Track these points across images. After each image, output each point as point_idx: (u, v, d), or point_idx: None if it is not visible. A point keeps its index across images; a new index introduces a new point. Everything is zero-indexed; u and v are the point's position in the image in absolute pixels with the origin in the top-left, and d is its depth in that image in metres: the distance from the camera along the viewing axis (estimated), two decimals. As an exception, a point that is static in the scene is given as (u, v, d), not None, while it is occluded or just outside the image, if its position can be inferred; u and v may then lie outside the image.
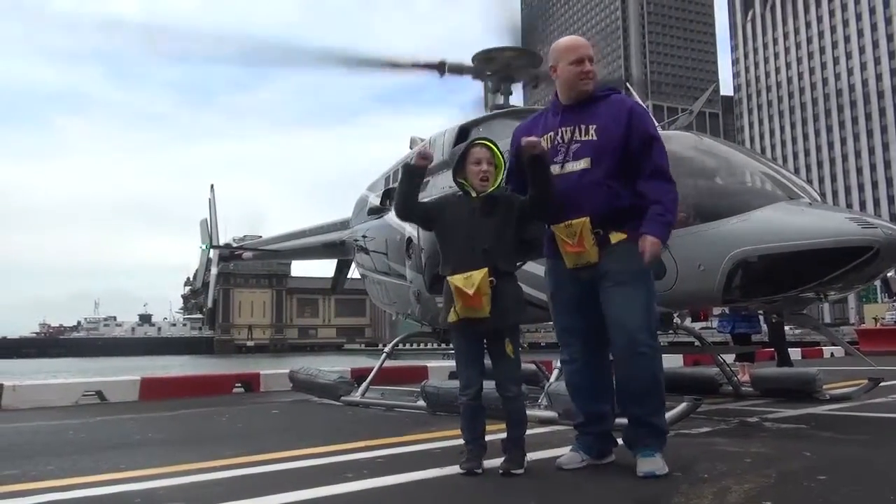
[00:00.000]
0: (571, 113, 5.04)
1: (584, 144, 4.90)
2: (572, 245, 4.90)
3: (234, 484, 5.20)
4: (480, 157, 5.11)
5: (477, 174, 5.11)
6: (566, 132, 5.01)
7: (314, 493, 4.74)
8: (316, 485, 4.96)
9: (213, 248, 20.38)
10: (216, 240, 20.94)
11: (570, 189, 4.87)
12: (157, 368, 26.09)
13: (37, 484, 5.30)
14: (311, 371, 12.61)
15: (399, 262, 12.84)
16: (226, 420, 9.87)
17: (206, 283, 21.58)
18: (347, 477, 5.24)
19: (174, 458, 6.21)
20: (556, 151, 5.02)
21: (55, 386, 13.51)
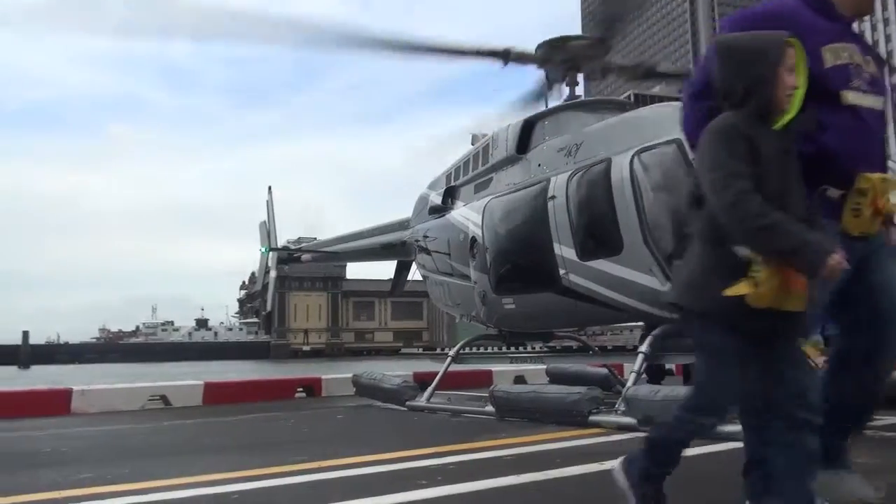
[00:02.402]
0: (849, 30, 3.72)
1: (873, 78, 3.64)
2: (867, 205, 3.54)
3: (306, 490, 5.34)
4: (792, 63, 3.19)
5: (788, 88, 3.19)
6: (855, 53, 3.62)
7: (389, 500, 4.82)
8: (389, 492, 5.04)
9: (272, 250, 20.92)
10: (275, 242, 21.49)
11: (864, 132, 3.56)
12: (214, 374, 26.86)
13: (113, 487, 5.55)
14: (374, 375, 12.80)
15: (463, 262, 12.90)
16: (291, 425, 10.12)
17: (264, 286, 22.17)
18: (421, 484, 5.30)
19: (244, 464, 6.41)
20: (852, 74, 3.57)
21: (122, 390, 14.13)
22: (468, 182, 13.46)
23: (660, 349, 9.11)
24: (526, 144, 12.00)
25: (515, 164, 12.02)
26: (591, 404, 8.47)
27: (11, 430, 9.96)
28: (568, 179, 10.39)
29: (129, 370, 55.42)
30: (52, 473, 6.36)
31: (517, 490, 5.10)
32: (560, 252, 10.36)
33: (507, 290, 11.50)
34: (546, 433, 7.92)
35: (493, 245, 11.70)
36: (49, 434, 9.51)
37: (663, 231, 9.04)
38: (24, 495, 5.32)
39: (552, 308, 10.88)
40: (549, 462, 5.95)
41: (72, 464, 6.95)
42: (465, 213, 13.01)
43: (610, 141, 10.12)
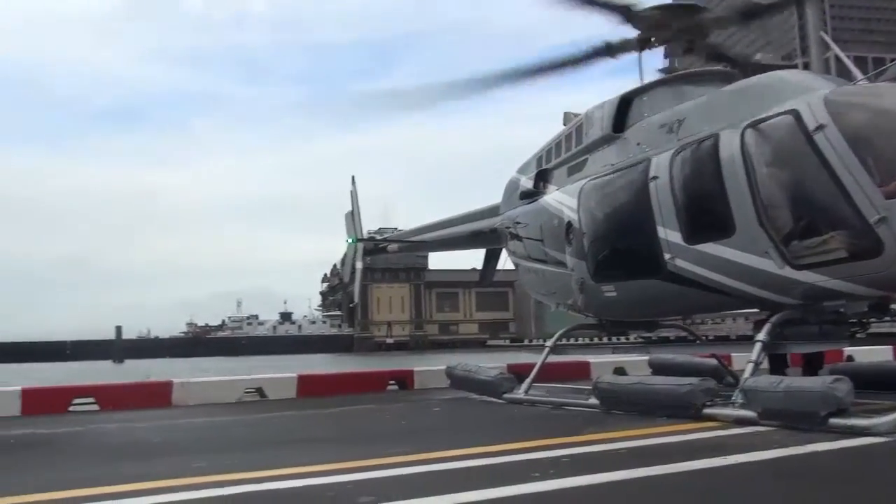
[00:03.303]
0: None
1: None
2: None
3: (416, 481, 5.48)
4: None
5: None
6: None
7: (503, 492, 4.89)
8: (503, 483, 5.11)
9: (359, 241, 21.31)
10: (360, 232, 21.90)
11: None
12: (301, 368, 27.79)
13: (228, 476, 5.86)
14: (469, 367, 12.91)
15: (558, 248, 12.80)
16: (389, 417, 10.36)
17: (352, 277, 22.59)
18: (534, 476, 5.35)
19: (350, 455, 6.63)
20: None
21: (219, 383, 14.85)
22: (561, 164, 13.31)
23: (779, 337, 8.80)
24: (623, 122, 11.76)
25: (612, 143, 11.80)
26: (705, 396, 8.28)
27: (121, 421, 10.64)
28: (671, 158, 10.13)
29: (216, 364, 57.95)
30: (168, 462, 6.78)
31: (637, 484, 5.08)
32: (664, 236, 10.13)
33: (607, 277, 11.34)
34: (657, 426, 7.81)
35: (591, 230, 11.55)
36: (156, 425, 10.11)
37: (780, 210, 8.70)
38: (146, 482, 5.70)
39: (656, 295, 10.67)
40: (669, 456, 5.88)
41: (183, 453, 7.38)
42: (559, 197, 12.89)
43: (717, 114, 9.80)
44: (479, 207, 17.94)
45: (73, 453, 7.99)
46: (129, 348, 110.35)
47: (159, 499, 5.16)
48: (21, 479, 6.11)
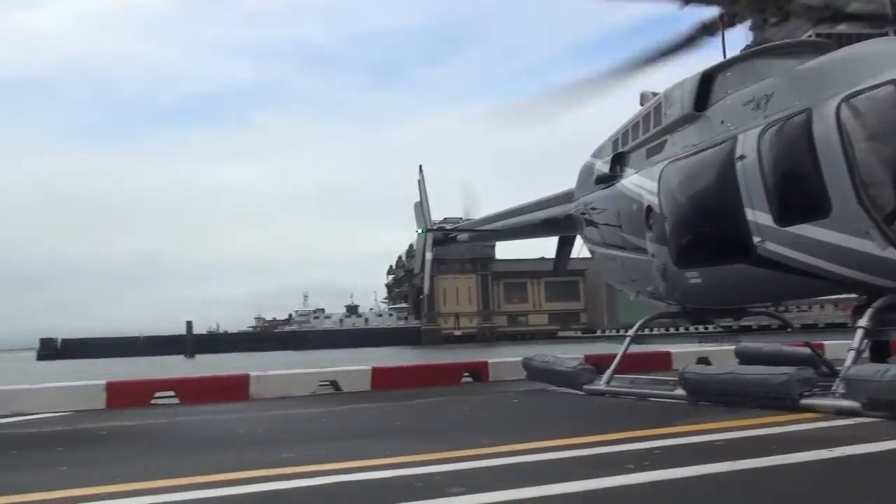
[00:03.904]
0: None
1: None
2: None
3: (509, 470, 5.57)
4: None
5: None
6: None
7: (599, 484, 4.91)
8: (597, 475, 5.13)
9: (428, 231, 21.49)
10: (429, 222, 22.06)
11: None
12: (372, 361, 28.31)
13: (318, 466, 6.05)
14: (547, 358, 12.91)
15: (637, 233, 12.64)
16: (468, 409, 10.48)
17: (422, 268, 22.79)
18: (628, 468, 5.35)
19: (436, 446, 6.75)
20: None
21: (295, 376, 15.26)
22: (639, 147, 13.11)
23: (882, 323, 8.49)
24: (705, 100, 11.49)
25: (694, 122, 11.55)
26: (802, 386, 8.06)
27: (203, 414, 11.06)
28: (759, 136, 9.85)
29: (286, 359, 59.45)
30: (255, 452, 7.05)
31: (736, 476, 5.01)
32: (753, 218, 9.88)
33: (692, 263, 11.13)
34: (751, 418, 7.67)
35: (673, 214, 11.35)
36: (237, 417, 10.48)
37: (883, 187, 8.37)
38: (238, 472, 5.94)
39: (745, 280, 10.42)
40: (767, 448, 5.78)
41: (268, 444, 7.64)
42: (637, 180, 12.71)
43: (809, 88, 9.48)
44: (552, 194, 17.84)
45: (165, 444, 8.38)
46: (200, 343, 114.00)
47: (255, 488, 5.37)
48: (122, 469, 6.46)
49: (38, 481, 5.95)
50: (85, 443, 8.64)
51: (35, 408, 12.36)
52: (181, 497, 5.22)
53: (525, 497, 4.72)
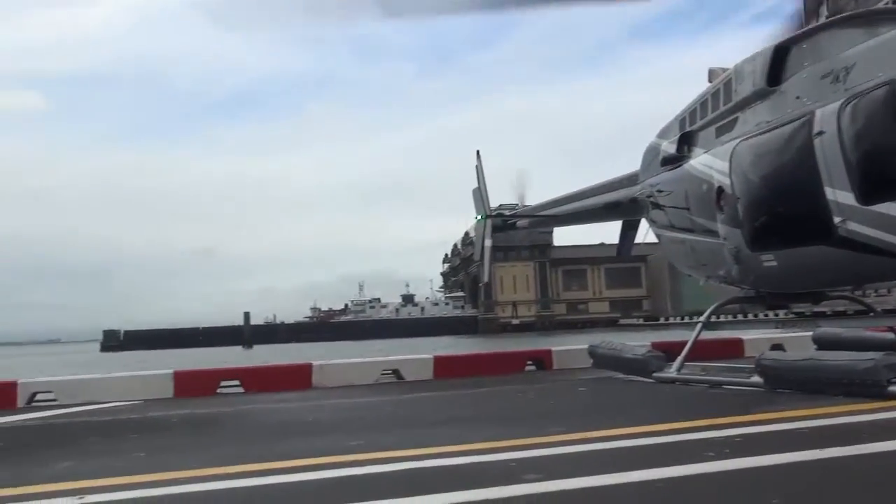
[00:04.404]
0: None
1: None
2: None
3: (584, 458, 5.58)
4: None
5: None
6: None
7: (679, 471, 4.89)
8: (676, 462, 5.10)
9: (487, 217, 21.49)
10: (488, 209, 22.06)
11: None
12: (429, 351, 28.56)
13: (387, 453, 6.17)
14: (614, 345, 12.82)
15: (707, 216, 12.40)
16: (534, 397, 10.50)
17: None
18: (709, 456, 5.31)
19: (506, 434, 6.80)
20: None
21: (357, 365, 15.51)
22: (708, 125, 12.86)
23: None
24: (778, 75, 11.18)
25: (767, 98, 11.25)
26: (890, 372, 7.83)
27: (269, 402, 11.35)
28: (838, 110, 9.54)
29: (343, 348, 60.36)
30: (325, 440, 7.21)
31: (825, 464, 4.93)
32: (833, 196, 9.58)
33: (767, 245, 10.87)
34: (834, 405, 7.49)
35: (746, 194, 11.09)
36: (303, 406, 10.72)
37: None
38: (310, 458, 6.09)
39: (825, 263, 10.13)
40: (856, 436, 5.66)
41: (337, 432, 7.81)
42: (706, 160, 12.47)
43: (892, 59, 9.14)
44: (615, 177, 17.66)
45: (235, 431, 8.65)
46: (257, 333, 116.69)
47: (328, 474, 5.51)
48: (197, 455, 6.70)
49: (119, 466, 6.22)
50: (157, 430, 8.98)
51: (106, 396, 12.87)
52: (257, 482, 5.38)
53: (603, 484, 4.73)
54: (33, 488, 5.44)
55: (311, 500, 4.66)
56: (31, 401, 13.06)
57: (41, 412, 11.58)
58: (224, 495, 5.06)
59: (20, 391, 13.10)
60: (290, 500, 4.67)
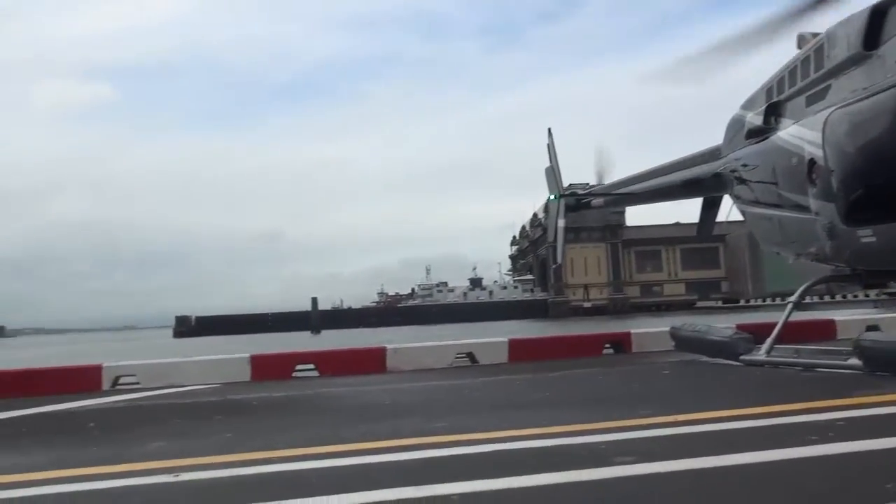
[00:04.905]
0: None
1: None
2: None
3: (680, 441, 5.54)
4: None
5: None
6: None
7: (781, 455, 4.82)
8: (778, 446, 5.01)
9: (561, 197, 21.31)
10: (561, 188, 21.87)
11: None
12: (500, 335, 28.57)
13: (470, 435, 6.24)
14: (698, 327, 12.60)
15: (797, 190, 12.02)
16: (617, 380, 10.43)
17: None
18: (812, 440, 5.20)
19: (592, 416, 6.78)
20: None
21: (431, 348, 15.65)
22: (797, 94, 12.42)
23: None
24: (876, 38, 10.69)
25: (864, 63, 10.78)
26: None
27: (346, 385, 11.59)
28: None
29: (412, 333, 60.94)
30: (406, 422, 7.33)
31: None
32: None
33: (864, 220, 10.46)
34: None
35: (842, 166, 10.68)
36: (380, 389, 10.92)
37: None
38: (393, 440, 6.22)
39: None
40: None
41: (417, 414, 7.93)
42: (796, 131, 12.06)
43: None
44: (695, 152, 17.28)
45: (317, 413, 8.88)
46: (324, 319, 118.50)
47: (411, 455, 5.62)
48: (282, 436, 6.91)
49: (209, 446, 6.48)
50: (240, 412, 9.28)
51: (186, 380, 13.34)
52: (343, 462, 5.53)
53: (700, 467, 4.69)
54: (131, 466, 5.72)
55: (402, 480, 4.75)
56: (115, 384, 13.65)
57: (126, 395, 12.09)
58: (313, 475, 5.20)
59: (105, 374, 13.69)
60: (383, 481, 4.77)
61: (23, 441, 7.81)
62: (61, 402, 10.83)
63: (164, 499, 4.70)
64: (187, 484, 5.10)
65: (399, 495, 4.42)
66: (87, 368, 14.17)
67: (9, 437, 8.22)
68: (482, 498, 4.31)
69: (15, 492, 5.12)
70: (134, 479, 5.26)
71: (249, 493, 4.67)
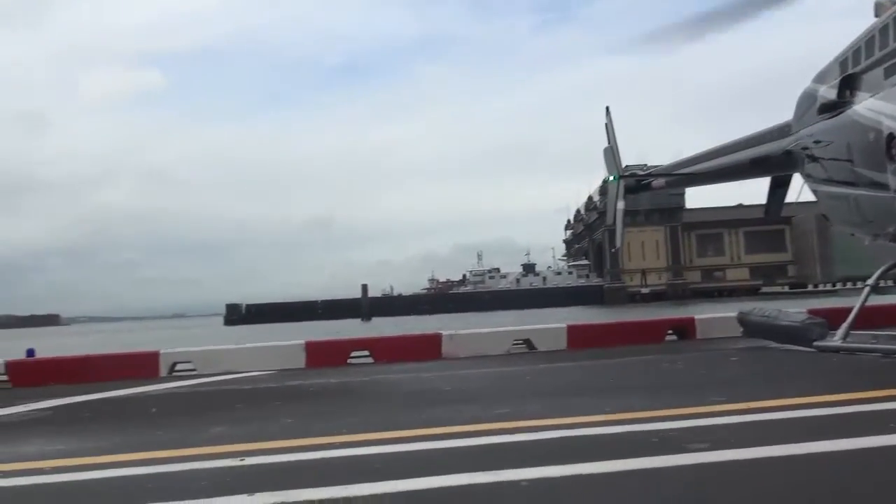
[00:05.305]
0: None
1: None
2: None
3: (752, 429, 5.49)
4: None
5: None
6: None
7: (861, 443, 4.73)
8: (856, 434, 4.93)
9: (621, 177, 21.01)
10: (620, 168, 21.56)
11: None
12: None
13: (536, 422, 6.27)
14: (767, 312, 12.38)
15: (875, 167, 11.66)
16: (683, 367, 10.34)
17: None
18: (893, 427, 5.09)
19: (660, 403, 6.75)
20: None
21: (487, 335, 15.72)
22: (875, 65, 12.02)
23: None
24: None
25: None
26: None
27: (404, 372, 11.72)
28: None
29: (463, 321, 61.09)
30: (468, 408, 7.40)
31: None
32: None
33: None
34: None
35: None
36: (438, 375, 11.00)
37: None
38: (456, 426, 6.28)
39: None
40: None
41: (479, 400, 7.98)
42: (874, 104, 11.69)
43: None
44: (763, 129, 16.90)
45: (375, 399, 9.02)
46: (375, 306, 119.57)
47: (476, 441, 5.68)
48: (342, 421, 7.03)
49: (271, 431, 6.65)
50: (299, 398, 9.48)
51: (241, 366, 13.67)
52: (406, 448, 5.60)
53: (779, 455, 4.63)
54: (196, 450, 5.90)
55: (468, 465, 4.80)
56: (172, 370, 14.07)
57: (183, 381, 12.44)
58: (377, 460, 5.29)
59: (162, 361, 14.11)
60: (448, 466, 4.82)
61: (89, 425, 8.13)
62: (122, 388, 11.19)
63: (233, 482, 4.83)
64: (254, 468, 5.24)
65: (466, 480, 4.47)
66: (145, 355, 14.62)
67: (74, 421, 8.56)
68: (553, 484, 4.33)
69: (85, 474, 5.34)
70: (200, 463, 5.43)
71: (316, 478, 4.77)
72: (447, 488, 4.36)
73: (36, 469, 5.58)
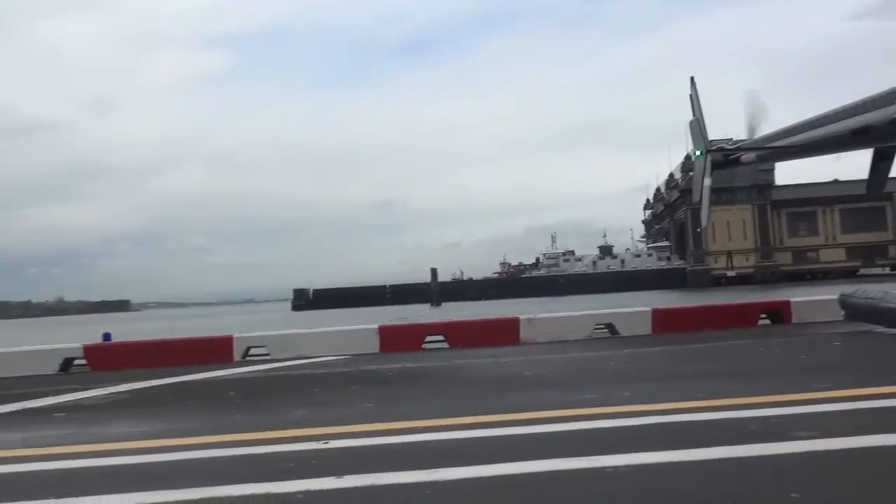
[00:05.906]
0: None
1: None
2: None
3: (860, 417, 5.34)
4: None
5: None
6: None
7: None
8: (984, 422, 4.73)
9: (708, 152, 20.54)
10: (707, 143, 21.06)
11: None
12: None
13: (627, 407, 6.25)
14: (872, 294, 11.97)
15: None
16: (779, 353, 10.12)
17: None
18: None
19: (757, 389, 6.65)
20: None
21: (567, 319, 15.65)
22: None
23: None
24: None
25: None
26: None
27: (482, 357, 11.76)
28: None
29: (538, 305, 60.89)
30: (553, 393, 7.42)
31: None
32: None
33: None
34: None
35: None
36: (517, 360, 11.03)
37: None
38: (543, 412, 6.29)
39: None
40: None
41: (563, 386, 7.99)
42: None
43: None
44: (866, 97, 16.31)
45: (454, 384, 9.09)
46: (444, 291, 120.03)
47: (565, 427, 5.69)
48: (423, 406, 7.16)
49: (352, 415, 6.79)
50: (376, 382, 9.64)
51: (315, 351, 13.95)
52: (491, 433, 5.65)
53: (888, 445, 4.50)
54: (279, 433, 6.06)
55: (560, 450, 4.80)
56: (246, 355, 14.46)
57: (258, 366, 12.77)
58: (462, 444, 5.35)
59: (236, 345, 14.52)
60: (535, 452, 4.84)
61: (170, 408, 8.44)
62: (197, 373, 11.57)
63: (319, 465, 4.95)
64: (338, 451, 5.36)
65: (558, 466, 4.48)
66: (219, 339, 15.08)
67: (154, 404, 8.90)
68: (652, 470, 4.30)
69: (168, 455, 5.55)
70: (283, 446, 5.58)
71: (401, 461, 4.85)
72: (537, 473, 4.38)
73: (121, 450, 5.83)
